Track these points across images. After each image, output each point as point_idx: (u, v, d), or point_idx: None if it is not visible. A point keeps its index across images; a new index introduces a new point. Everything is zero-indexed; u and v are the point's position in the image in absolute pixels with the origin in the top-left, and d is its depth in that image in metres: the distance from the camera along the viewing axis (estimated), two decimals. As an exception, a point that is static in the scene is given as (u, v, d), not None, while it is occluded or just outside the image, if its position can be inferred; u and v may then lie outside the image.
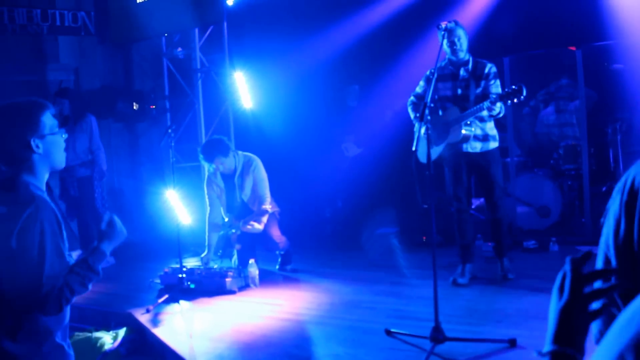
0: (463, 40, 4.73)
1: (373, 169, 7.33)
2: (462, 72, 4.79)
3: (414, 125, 4.94)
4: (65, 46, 8.40)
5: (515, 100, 4.37)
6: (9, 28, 7.90)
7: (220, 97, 7.21)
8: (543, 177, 6.63)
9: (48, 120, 2.22)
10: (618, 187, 1.23)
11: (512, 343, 3.42)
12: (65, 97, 6.69)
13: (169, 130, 5.38)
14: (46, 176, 2.27)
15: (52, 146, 2.23)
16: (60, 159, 2.28)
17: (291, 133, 7.44)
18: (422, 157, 4.91)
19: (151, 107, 8.10)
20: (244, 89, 6.85)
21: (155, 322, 4.44)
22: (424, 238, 6.47)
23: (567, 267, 1.13)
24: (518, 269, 5.04)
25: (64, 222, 2.22)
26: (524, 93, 4.32)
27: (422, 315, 3.91)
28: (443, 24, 4.06)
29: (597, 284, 1.09)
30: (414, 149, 3.56)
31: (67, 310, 2.30)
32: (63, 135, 2.29)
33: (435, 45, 5.35)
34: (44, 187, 2.25)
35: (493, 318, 3.99)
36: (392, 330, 3.75)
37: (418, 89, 5.03)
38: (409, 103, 5.05)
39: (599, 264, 1.24)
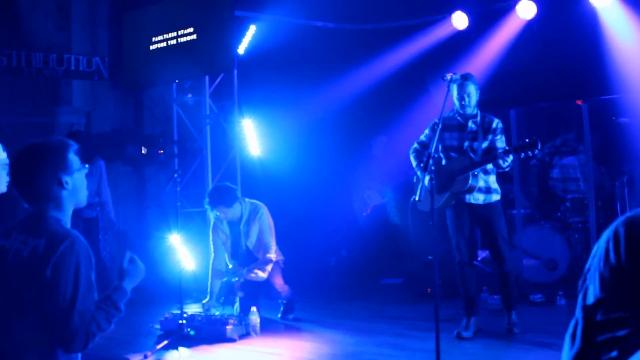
0: (472, 96, 4.79)
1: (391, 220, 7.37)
2: (470, 124, 4.82)
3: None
4: (78, 90, 8.56)
5: (530, 153, 4.43)
6: (25, 71, 8.09)
7: (229, 144, 7.27)
8: (550, 229, 6.57)
9: (74, 157, 2.30)
10: (604, 247, 1.20)
11: (516, 400, 3.33)
12: (76, 140, 6.76)
13: (175, 175, 5.41)
14: (71, 212, 2.30)
15: (79, 182, 2.30)
16: (84, 196, 2.34)
17: (299, 181, 7.48)
18: (423, 207, 4.87)
19: (159, 151, 8.19)
20: (252, 136, 6.92)
21: (153, 369, 4.36)
22: (429, 290, 6.38)
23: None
24: (524, 322, 4.93)
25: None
26: (539, 147, 4.39)
27: (425, 369, 3.82)
28: (448, 76, 4.12)
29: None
30: (417, 199, 3.54)
31: (80, 355, 2.27)
32: (84, 171, 2.36)
33: (438, 97, 5.44)
34: (69, 225, 2.28)
35: (497, 373, 3.89)
36: (393, 383, 3.66)
37: (422, 137, 5.04)
38: (411, 151, 5.07)
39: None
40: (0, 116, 8.06)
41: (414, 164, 4.99)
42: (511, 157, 4.52)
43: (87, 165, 2.40)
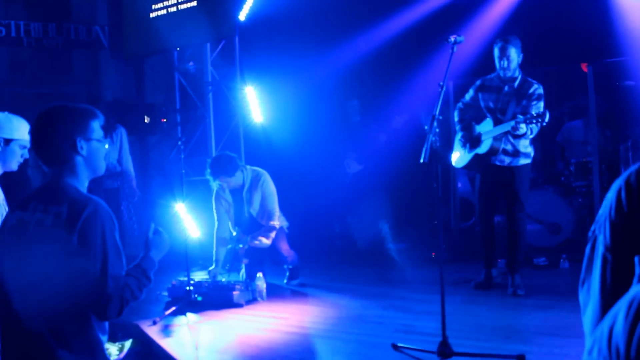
0: (513, 59, 4.84)
1: (373, 186, 7.41)
2: (506, 87, 4.91)
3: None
4: (78, 59, 8.51)
5: (538, 124, 4.50)
6: (24, 41, 8.03)
7: (231, 111, 7.24)
8: (553, 193, 6.59)
9: (96, 126, 2.28)
10: (615, 196, 1.18)
11: (521, 359, 3.38)
12: (97, 107, 6.68)
13: (179, 143, 5.40)
14: (87, 182, 2.27)
15: (96, 152, 2.26)
16: (101, 166, 2.31)
17: (301, 148, 7.46)
18: (456, 163, 5.17)
19: (162, 120, 8.16)
20: (255, 103, 6.89)
21: (161, 334, 4.42)
22: (433, 254, 6.42)
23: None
24: (528, 285, 4.98)
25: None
26: (547, 119, 4.45)
27: (430, 330, 3.87)
28: (452, 38, 4.07)
29: None
30: (421, 160, 3.53)
31: (107, 325, 2.25)
32: (106, 146, 2.34)
33: (437, 61, 5.47)
34: (85, 192, 2.25)
35: (501, 334, 3.94)
36: (399, 344, 3.72)
37: (467, 96, 5.15)
38: (456, 108, 5.23)
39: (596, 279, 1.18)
40: (1, 87, 8.02)
41: (455, 119, 5.16)
42: (523, 126, 4.52)
43: (108, 139, 2.39)
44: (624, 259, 1.12)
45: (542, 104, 4.80)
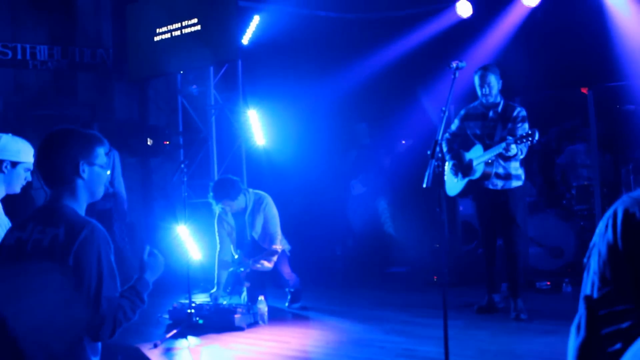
0: (493, 85, 4.96)
1: (376, 208, 7.43)
2: (491, 113, 5.01)
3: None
4: (83, 82, 8.57)
5: (529, 143, 4.59)
6: (30, 64, 8.11)
7: (234, 134, 7.28)
8: (555, 217, 6.59)
9: (101, 153, 2.32)
10: (604, 224, 1.22)
11: (524, 385, 3.36)
12: (91, 129, 6.72)
13: (182, 165, 5.43)
14: (85, 205, 2.31)
15: (97, 177, 2.30)
16: (100, 191, 2.35)
17: (303, 171, 7.49)
18: (449, 191, 5.18)
19: (165, 142, 8.20)
20: (257, 126, 6.93)
21: (162, 357, 4.40)
22: (435, 278, 6.41)
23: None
24: (530, 309, 4.96)
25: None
26: (536, 137, 4.55)
27: (432, 355, 3.85)
28: (454, 64, 4.11)
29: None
30: (424, 185, 3.55)
31: (100, 347, 2.27)
32: (107, 172, 2.37)
33: (443, 85, 5.53)
34: (83, 214, 2.27)
35: (504, 359, 3.92)
36: (402, 369, 3.69)
37: (453, 127, 5.24)
38: (443, 139, 5.24)
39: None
40: (6, 108, 8.08)
41: (444, 149, 5.19)
42: (514, 147, 4.63)
43: (110, 167, 2.42)
44: (618, 302, 1.15)
45: (527, 125, 4.92)
